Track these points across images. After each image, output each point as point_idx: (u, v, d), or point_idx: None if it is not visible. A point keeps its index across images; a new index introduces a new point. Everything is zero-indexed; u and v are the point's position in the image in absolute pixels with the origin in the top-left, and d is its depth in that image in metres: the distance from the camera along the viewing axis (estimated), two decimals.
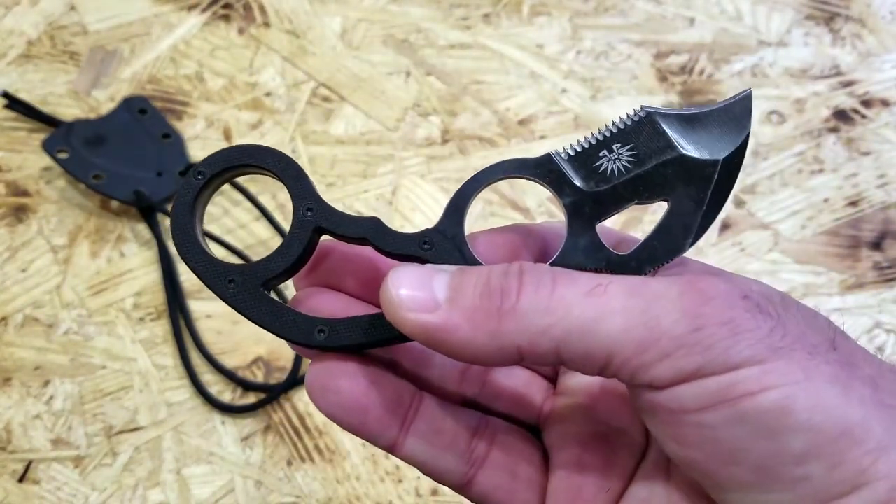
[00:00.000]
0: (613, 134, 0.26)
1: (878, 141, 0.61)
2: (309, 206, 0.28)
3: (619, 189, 0.26)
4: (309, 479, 0.47)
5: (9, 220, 0.56)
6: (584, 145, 0.26)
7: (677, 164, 0.26)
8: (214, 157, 0.28)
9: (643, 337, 0.22)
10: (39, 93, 0.61)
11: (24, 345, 0.51)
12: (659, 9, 0.68)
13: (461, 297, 0.24)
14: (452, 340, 0.24)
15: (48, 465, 0.47)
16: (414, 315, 0.24)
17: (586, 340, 0.23)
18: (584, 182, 0.26)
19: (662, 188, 0.26)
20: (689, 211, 0.26)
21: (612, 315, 0.23)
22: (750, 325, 0.22)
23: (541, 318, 0.23)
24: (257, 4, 0.67)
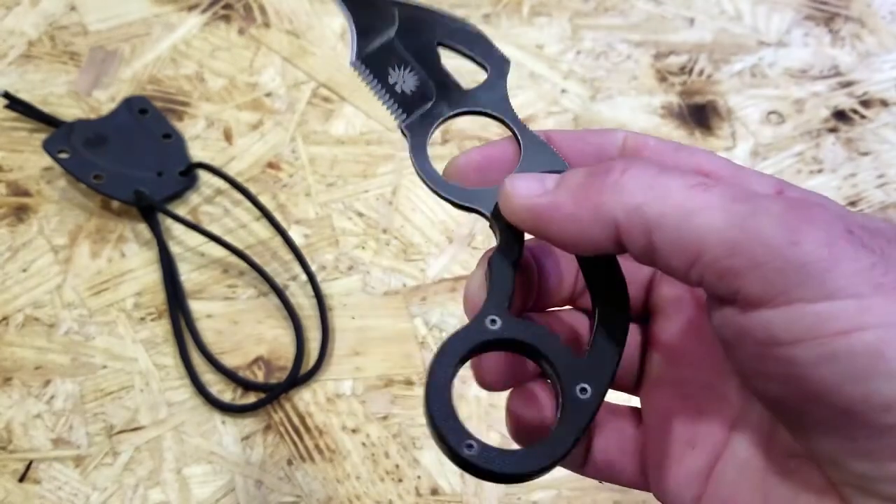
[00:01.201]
0: (378, 83, 0.30)
1: (877, 141, 0.61)
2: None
3: (432, 76, 0.30)
4: (309, 479, 0.47)
5: (9, 219, 0.56)
6: (389, 99, 0.30)
7: (403, 37, 0.31)
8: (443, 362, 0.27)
9: (738, 238, 0.21)
10: (40, 93, 0.61)
11: (24, 344, 0.51)
12: (659, 9, 0.68)
13: (569, 179, 0.25)
14: (556, 217, 0.25)
15: (49, 464, 0.47)
16: (525, 199, 0.25)
17: (680, 228, 0.22)
18: (429, 101, 0.30)
19: (428, 48, 0.31)
20: (444, 29, 0.31)
21: (711, 210, 0.22)
22: (850, 254, 0.21)
23: (641, 194, 0.23)
24: (257, 5, 0.67)
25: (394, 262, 0.54)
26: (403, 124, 0.30)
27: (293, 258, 0.54)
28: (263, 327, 0.52)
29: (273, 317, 0.52)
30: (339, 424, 0.49)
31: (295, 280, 0.54)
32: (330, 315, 0.52)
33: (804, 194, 0.26)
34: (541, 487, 0.47)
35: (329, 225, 0.56)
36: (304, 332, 0.52)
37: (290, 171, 0.58)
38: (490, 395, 0.50)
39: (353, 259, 0.55)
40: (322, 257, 0.55)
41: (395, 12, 0.31)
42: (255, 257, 0.54)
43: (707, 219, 0.22)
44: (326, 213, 0.56)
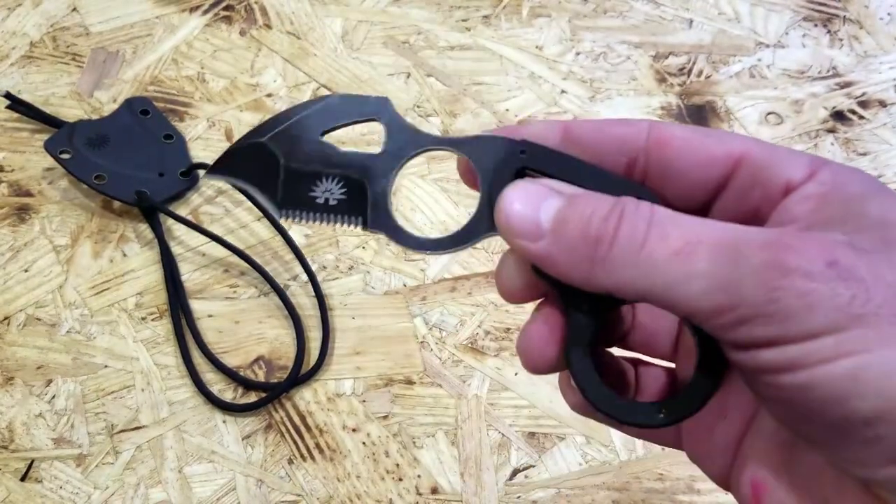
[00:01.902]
0: (313, 213, 0.30)
1: (875, 142, 0.61)
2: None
3: (355, 166, 0.30)
4: (310, 478, 0.47)
5: (11, 220, 0.56)
6: (326, 219, 0.29)
7: (293, 152, 0.30)
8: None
9: (722, 302, 0.23)
10: (42, 94, 0.61)
11: (26, 344, 0.51)
12: (657, 10, 0.68)
13: (562, 233, 0.26)
14: (553, 270, 0.26)
15: (50, 463, 0.47)
16: (521, 241, 0.26)
17: (669, 297, 0.24)
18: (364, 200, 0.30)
19: (316, 146, 0.30)
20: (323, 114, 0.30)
21: (696, 278, 0.24)
22: (828, 295, 0.22)
23: (629, 272, 0.25)
24: (259, 6, 0.67)
25: (394, 262, 0.55)
26: (368, 228, 0.29)
27: (294, 258, 0.54)
28: (264, 327, 0.52)
29: (274, 316, 0.52)
30: (339, 423, 0.49)
31: (295, 280, 0.54)
32: (330, 315, 0.52)
33: (836, 174, 0.26)
34: (540, 487, 0.47)
35: None
36: (305, 331, 0.52)
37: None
38: (490, 394, 0.50)
39: (353, 259, 0.55)
40: (323, 257, 0.55)
41: (270, 148, 0.30)
42: (255, 257, 0.54)
43: (693, 288, 0.24)
44: None
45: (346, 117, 0.30)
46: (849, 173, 0.26)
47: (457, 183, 0.57)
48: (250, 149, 0.30)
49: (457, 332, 0.52)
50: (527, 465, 0.48)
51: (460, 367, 0.51)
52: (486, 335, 0.52)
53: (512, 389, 0.50)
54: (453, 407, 0.50)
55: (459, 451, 0.48)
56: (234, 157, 0.31)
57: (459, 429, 0.49)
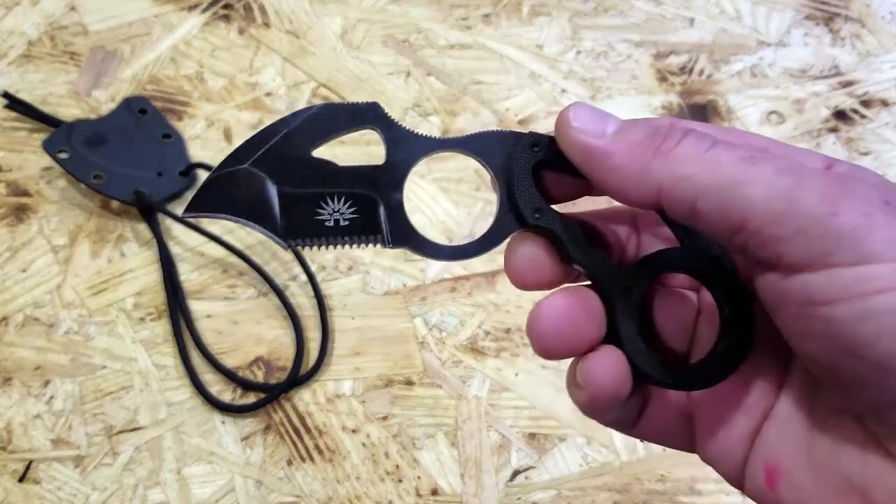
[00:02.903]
0: (325, 237, 0.28)
1: (877, 141, 0.61)
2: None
3: (361, 179, 0.28)
4: (309, 479, 0.47)
5: (9, 219, 0.56)
6: (344, 243, 0.28)
7: (292, 171, 0.28)
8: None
9: (782, 209, 0.23)
10: (40, 93, 0.61)
11: (24, 344, 0.51)
12: (658, 9, 0.68)
13: (628, 133, 0.26)
14: (605, 164, 0.26)
15: (49, 464, 0.47)
16: (582, 136, 0.26)
17: (726, 198, 0.24)
18: (378, 215, 0.28)
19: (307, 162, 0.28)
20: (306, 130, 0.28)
21: (758, 182, 0.23)
22: (885, 223, 0.22)
23: (690, 166, 0.24)
24: (257, 5, 0.67)
25: (394, 262, 0.54)
26: (390, 245, 0.28)
27: (293, 258, 0.54)
28: (263, 327, 0.52)
29: (273, 317, 0.52)
30: (338, 424, 0.49)
31: (295, 280, 0.54)
32: (330, 315, 0.52)
33: (851, 169, 0.27)
34: (541, 488, 0.47)
35: None
36: (304, 332, 0.52)
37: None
38: (490, 395, 0.50)
39: (352, 259, 0.54)
40: (322, 257, 0.55)
41: (257, 174, 0.27)
42: (254, 257, 0.54)
43: (753, 190, 0.23)
44: None
45: (335, 128, 0.29)
46: (860, 169, 0.27)
47: (457, 183, 0.57)
48: (233, 177, 0.27)
49: (457, 332, 0.52)
50: (527, 467, 0.48)
51: (460, 367, 0.51)
52: (486, 336, 0.52)
53: (512, 390, 0.50)
54: (453, 408, 0.49)
55: (459, 453, 0.48)
56: (215, 188, 0.27)
57: (459, 430, 0.49)
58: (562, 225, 0.28)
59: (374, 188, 0.28)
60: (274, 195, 0.27)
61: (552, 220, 0.28)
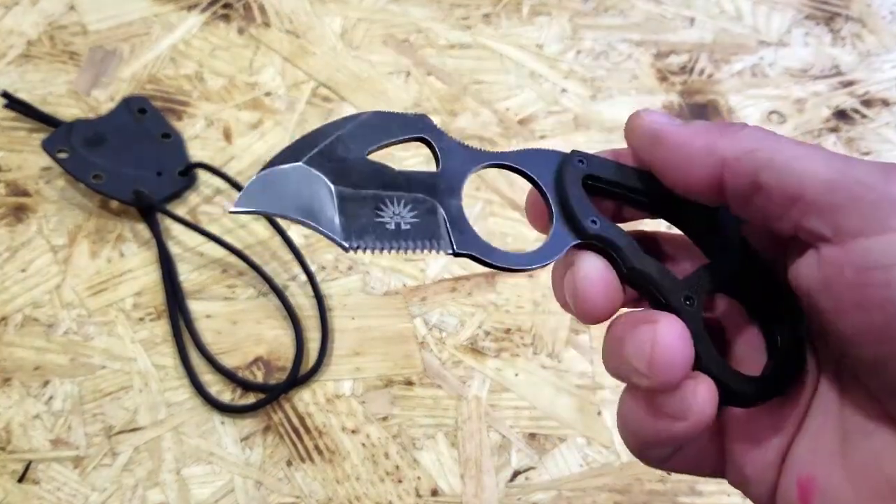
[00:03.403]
0: (385, 238, 0.27)
1: (878, 141, 0.61)
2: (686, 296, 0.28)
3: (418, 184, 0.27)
4: (309, 480, 0.47)
5: (8, 219, 0.55)
6: (406, 247, 0.27)
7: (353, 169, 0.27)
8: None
9: (838, 178, 0.24)
10: (39, 93, 0.61)
11: (23, 345, 0.51)
12: (659, 9, 0.68)
13: (695, 122, 0.27)
14: (670, 142, 0.27)
15: (48, 465, 0.47)
16: (652, 122, 0.28)
17: (786, 169, 0.25)
18: (439, 220, 0.27)
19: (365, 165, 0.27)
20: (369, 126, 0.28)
21: (814, 157, 0.25)
22: None
23: (754, 142, 0.26)
24: (257, 4, 0.67)
25: (393, 262, 0.54)
26: (456, 251, 0.26)
27: (293, 258, 0.54)
28: (263, 327, 0.52)
29: (272, 317, 0.52)
30: (338, 425, 0.49)
31: (294, 280, 0.54)
32: (329, 315, 0.52)
33: None
34: (541, 489, 0.47)
35: None
36: (304, 332, 0.51)
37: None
38: (490, 396, 0.50)
39: (352, 259, 0.54)
40: (322, 257, 0.54)
41: (313, 171, 0.26)
42: (254, 257, 0.54)
43: (810, 163, 0.24)
44: None
45: (388, 135, 0.28)
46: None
47: None
48: (287, 174, 0.26)
49: (457, 332, 0.52)
50: (527, 467, 0.48)
51: (460, 367, 0.51)
52: (486, 336, 0.52)
53: (512, 390, 0.50)
54: (453, 408, 0.49)
55: (459, 453, 0.48)
56: (268, 185, 0.25)
57: (459, 430, 0.49)
58: (619, 233, 0.28)
59: (433, 193, 0.27)
60: (332, 195, 0.26)
61: (608, 228, 0.28)
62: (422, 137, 0.28)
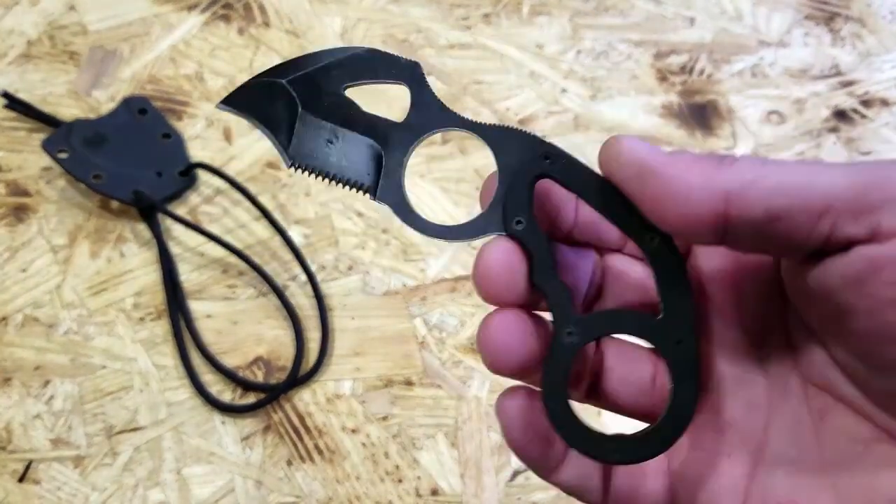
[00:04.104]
0: (328, 169, 0.29)
1: (878, 141, 0.61)
2: (568, 331, 0.27)
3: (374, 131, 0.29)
4: (309, 479, 0.47)
5: (9, 220, 0.56)
6: (346, 177, 0.29)
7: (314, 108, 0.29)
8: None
9: (867, 180, 0.23)
10: (39, 93, 0.61)
11: (24, 345, 0.51)
12: (659, 9, 0.68)
13: (683, 153, 0.25)
14: (664, 174, 0.24)
15: (48, 464, 0.47)
16: (636, 150, 0.25)
17: (803, 188, 0.23)
18: (377, 167, 0.29)
19: (341, 101, 0.29)
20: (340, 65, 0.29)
21: (829, 170, 0.23)
22: None
23: (754, 172, 0.24)
24: (257, 4, 0.67)
25: (394, 262, 0.54)
26: (376, 198, 0.28)
27: (293, 258, 0.54)
28: (263, 327, 0.52)
29: (273, 317, 0.52)
30: (338, 425, 0.49)
31: (295, 280, 0.54)
32: (330, 315, 0.52)
33: None
34: (541, 488, 0.47)
35: (329, 225, 0.56)
36: (304, 332, 0.51)
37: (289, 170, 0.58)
38: (490, 396, 0.50)
39: (352, 259, 0.54)
40: (322, 257, 0.55)
41: (290, 91, 0.29)
42: (254, 257, 0.54)
43: (829, 177, 0.23)
44: (326, 212, 0.56)
45: (372, 74, 0.29)
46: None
47: (457, 183, 0.57)
48: (269, 87, 0.29)
49: (457, 332, 0.52)
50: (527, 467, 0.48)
51: (460, 367, 0.51)
52: None
53: None
54: (453, 408, 0.49)
55: (459, 453, 0.48)
56: (250, 92, 0.29)
57: (459, 430, 0.49)
58: (538, 241, 0.27)
59: (385, 141, 0.29)
60: (297, 117, 0.28)
61: (531, 233, 0.27)
62: (404, 83, 0.29)
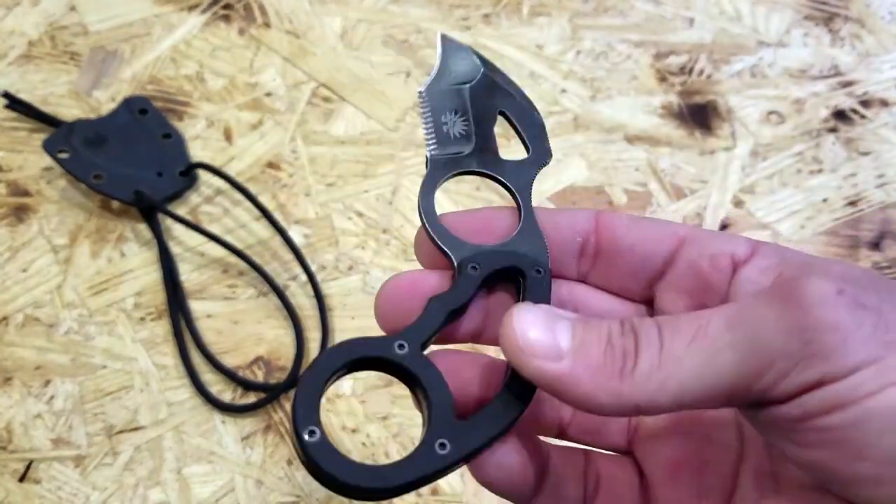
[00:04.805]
0: (431, 116, 0.32)
1: (877, 141, 0.61)
2: (399, 343, 0.28)
3: (479, 133, 0.32)
4: (309, 479, 0.47)
5: (9, 220, 0.56)
6: (431, 131, 0.32)
7: (476, 93, 0.33)
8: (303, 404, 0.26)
9: (759, 364, 0.23)
10: (40, 93, 0.61)
11: (24, 344, 0.51)
12: (658, 9, 0.68)
13: (585, 351, 0.25)
14: (576, 392, 0.25)
15: (49, 464, 0.47)
16: (541, 362, 0.25)
17: (704, 384, 0.24)
18: (461, 151, 0.32)
19: (489, 110, 0.33)
20: (513, 103, 0.34)
21: (722, 353, 0.23)
22: (855, 325, 0.23)
23: (656, 376, 0.24)
24: (257, 5, 0.67)
25: (394, 262, 0.54)
26: (430, 154, 0.32)
27: (293, 258, 0.54)
28: (263, 327, 0.52)
29: (273, 317, 0.52)
30: (338, 424, 0.49)
31: (295, 280, 0.54)
32: (330, 315, 0.52)
33: (780, 249, 0.27)
34: None
35: (329, 225, 0.56)
36: (304, 332, 0.52)
37: (290, 170, 0.58)
38: None
39: (353, 259, 0.55)
40: (322, 257, 0.55)
41: (481, 70, 0.33)
42: (254, 257, 0.54)
43: (724, 363, 0.23)
44: (326, 213, 0.56)
45: (523, 126, 0.34)
46: (790, 249, 0.27)
47: (456, 183, 0.57)
48: (471, 55, 0.34)
49: None
50: None
51: None
52: None
53: None
54: None
55: None
56: (464, 49, 0.35)
57: None
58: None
59: (476, 146, 0.32)
60: (461, 83, 0.34)
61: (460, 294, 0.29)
62: (528, 149, 0.33)
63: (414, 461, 0.26)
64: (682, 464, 0.29)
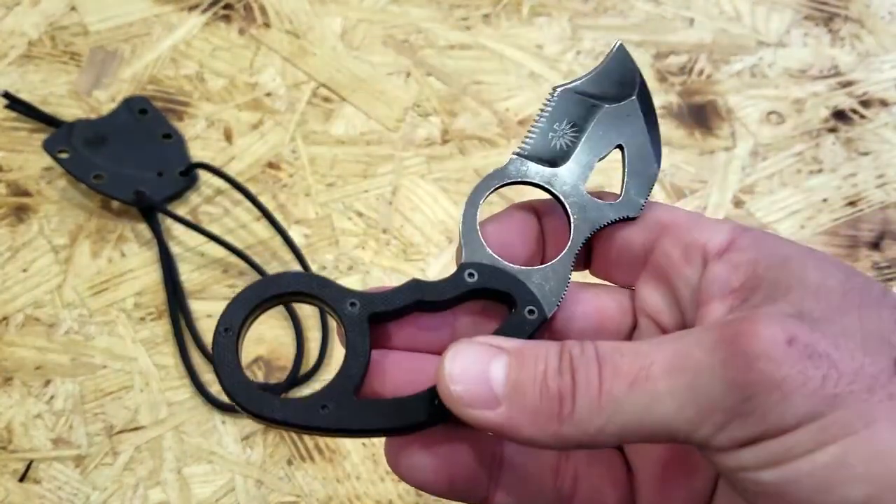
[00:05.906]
0: (548, 117, 0.31)
1: (876, 141, 0.61)
2: (351, 301, 0.28)
3: (580, 155, 0.31)
4: (309, 479, 0.47)
5: (10, 220, 0.56)
6: (535, 132, 0.31)
7: (609, 117, 0.31)
8: (234, 307, 0.28)
9: (696, 415, 0.23)
10: (40, 93, 0.61)
11: (24, 344, 0.51)
12: (658, 9, 0.68)
13: (521, 394, 0.25)
14: (517, 436, 0.25)
15: (49, 464, 0.47)
16: (476, 412, 0.25)
17: (643, 427, 0.23)
18: (550, 164, 0.31)
19: (609, 139, 0.31)
20: (640, 143, 0.31)
21: (662, 399, 0.23)
22: (801, 380, 0.22)
23: (596, 418, 0.24)
24: (258, 5, 0.67)
25: (394, 262, 0.54)
26: (517, 151, 0.31)
27: (293, 258, 0.54)
28: (263, 327, 0.52)
29: (273, 317, 0.52)
30: None
31: None
32: None
33: (760, 238, 0.27)
34: None
35: (329, 225, 0.56)
36: (304, 331, 0.52)
37: (290, 171, 0.58)
38: None
39: (353, 259, 0.55)
40: (322, 257, 0.55)
41: (632, 97, 0.31)
42: (255, 257, 0.54)
43: (663, 410, 0.23)
44: (326, 213, 0.56)
45: (632, 169, 0.32)
46: (771, 238, 0.26)
47: (457, 183, 0.57)
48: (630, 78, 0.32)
49: None
50: None
51: None
52: None
53: None
54: None
55: None
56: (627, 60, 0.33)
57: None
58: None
59: (569, 169, 0.31)
60: (603, 102, 0.32)
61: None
62: (622, 191, 0.32)
63: (297, 405, 0.27)
64: (668, 458, 0.29)
